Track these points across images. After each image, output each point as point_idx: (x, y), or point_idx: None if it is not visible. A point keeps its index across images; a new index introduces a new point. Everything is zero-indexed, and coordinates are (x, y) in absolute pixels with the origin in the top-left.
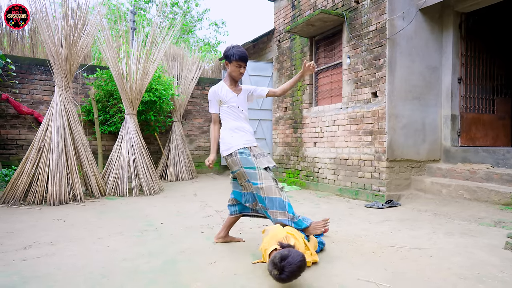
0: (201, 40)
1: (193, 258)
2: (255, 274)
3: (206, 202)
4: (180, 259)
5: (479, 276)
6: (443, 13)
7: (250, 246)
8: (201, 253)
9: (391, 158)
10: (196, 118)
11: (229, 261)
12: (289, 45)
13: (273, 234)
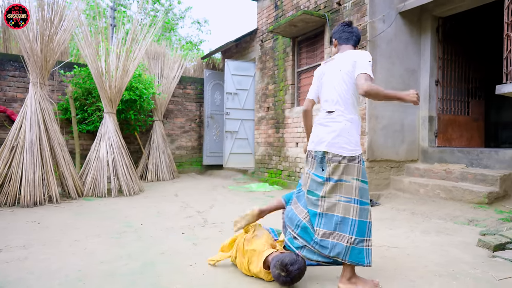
0: (183, 38)
1: (173, 259)
2: (235, 275)
3: (187, 202)
4: (160, 261)
5: (453, 273)
6: (422, 17)
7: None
8: (181, 254)
9: (371, 159)
10: (178, 117)
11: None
12: (271, 45)
13: (267, 237)
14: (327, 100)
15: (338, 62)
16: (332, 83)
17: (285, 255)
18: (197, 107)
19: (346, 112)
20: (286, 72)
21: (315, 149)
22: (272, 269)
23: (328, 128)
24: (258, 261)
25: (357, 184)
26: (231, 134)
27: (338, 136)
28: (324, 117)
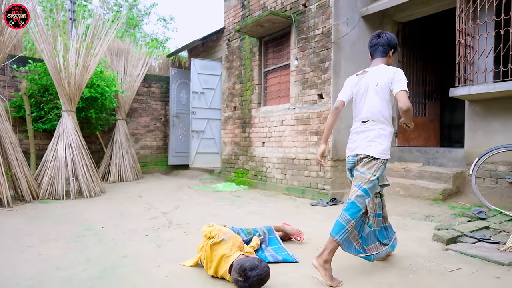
0: (148, 36)
1: (136, 262)
2: (200, 277)
3: (152, 203)
4: (122, 264)
5: (410, 267)
6: (383, 22)
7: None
8: (144, 257)
9: (335, 158)
10: (142, 116)
11: (174, 264)
12: (238, 44)
13: (234, 240)
14: (361, 111)
15: (372, 77)
16: (367, 96)
17: (247, 259)
18: (162, 106)
19: (378, 122)
20: (252, 72)
21: (351, 154)
22: (232, 272)
23: (363, 135)
24: (225, 264)
25: (373, 178)
26: (198, 134)
27: (371, 141)
28: (359, 126)
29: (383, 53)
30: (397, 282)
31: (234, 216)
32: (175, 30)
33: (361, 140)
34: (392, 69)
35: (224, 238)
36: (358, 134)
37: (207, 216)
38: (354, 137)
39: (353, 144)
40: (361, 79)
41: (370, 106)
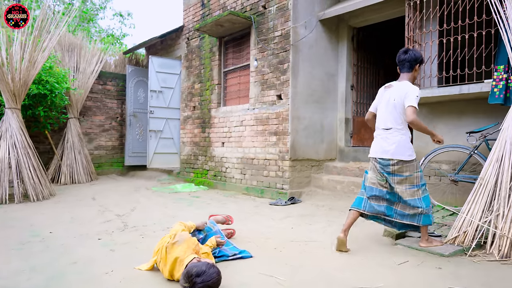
0: (103, 31)
1: (87, 268)
2: (155, 281)
3: (106, 206)
4: (71, 271)
5: (363, 261)
6: (339, 26)
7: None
8: (97, 262)
9: (294, 158)
10: (97, 115)
11: (129, 268)
12: (198, 43)
13: (188, 242)
14: (384, 119)
15: (394, 91)
16: (388, 108)
17: (195, 264)
18: (118, 105)
19: (398, 129)
20: (212, 71)
21: (380, 156)
22: (180, 278)
23: (389, 141)
24: (180, 267)
25: (417, 175)
26: (156, 134)
27: (398, 147)
28: (383, 132)
29: (409, 68)
30: (349, 276)
31: (192, 217)
32: (132, 27)
33: (388, 145)
34: (409, 87)
35: (178, 240)
36: (383, 140)
37: (164, 218)
38: (379, 141)
39: (380, 148)
40: (386, 91)
41: (390, 117)
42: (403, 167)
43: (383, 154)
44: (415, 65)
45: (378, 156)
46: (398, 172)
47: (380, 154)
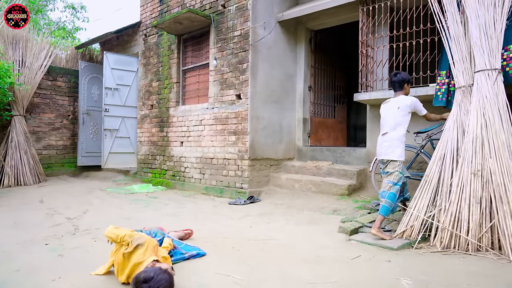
0: (54, 23)
1: (31, 276)
2: (108, 286)
3: (56, 209)
4: (13, 280)
5: (318, 258)
6: (297, 28)
7: (106, 256)
8: (42, 269)
9: (253, 157)
10: (46, 112)
11: (78, 275)
12: (156, 40)
13: (148, 244)
14: (386, 125)
15: (397, 101)
16: (388, 117)
17: (145, 270)
18: (70, 102)
19: (394, 133)
20: (171, 69)
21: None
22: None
23: (385, 143)
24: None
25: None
26: (111, 132)
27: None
28: (381, 137)
29: (400, 88)
30: (305, 273)
31: (149, 219)
32: (86, 20)
33: (384, 148)
34: (410, 98)
35: (140, 243)
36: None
37: (119, 220)
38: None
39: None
40: (386, 105)
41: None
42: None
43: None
44: (403, 84)
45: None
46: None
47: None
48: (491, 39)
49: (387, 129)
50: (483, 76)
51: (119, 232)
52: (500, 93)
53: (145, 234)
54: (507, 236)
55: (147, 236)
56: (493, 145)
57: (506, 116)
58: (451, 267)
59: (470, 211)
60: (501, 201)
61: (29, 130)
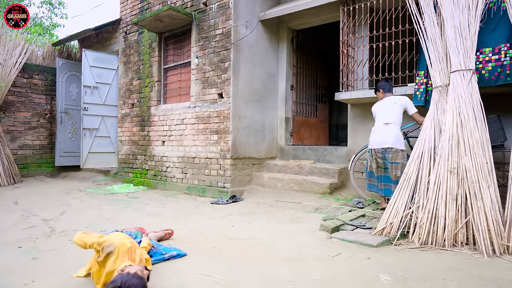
0: (30, 20)
1: (2, 280)
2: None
3: (31, 210)
4: None
5: (299, 256)
6: (279, 27)
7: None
8: (15, 273)
9: (235, 156)
10: (21, 111)
11: (52, 279)
12: (136, 38)
13: (119, 250)
14: (384, 118)
15: (392, 99)
16: (388, 110)
17: (114, 279)
18: (47, 101)
19: (397, 126)
20: (152, 68)
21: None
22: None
23: (389, 133)
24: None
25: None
26: (90, 132)
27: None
28: (383, 126)
29: (390, 90)
30: (286, 271)
31: (129, 219)
32: (64, 17)
33: (390, 137)
34: (403, 97)
35: (110, 251)
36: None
37: (98, 221)
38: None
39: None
40: (382, 102)
41: (391, 116)
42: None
43: (382, 145)
44: (392, 88)
45: (378, 147)
46: (394, 158)
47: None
48: (466, 40)
49: (390, 119)
50: (459, 76)
51: (87, 239)
52: (474, 93)
53: (115, 239)
54: (481, 231)
55: (117, 241)
56: (468, 143)
57: (480, 115)
58: (428, 263)
59: (446, 208)
60: (475, 198)
61: (3, 129)
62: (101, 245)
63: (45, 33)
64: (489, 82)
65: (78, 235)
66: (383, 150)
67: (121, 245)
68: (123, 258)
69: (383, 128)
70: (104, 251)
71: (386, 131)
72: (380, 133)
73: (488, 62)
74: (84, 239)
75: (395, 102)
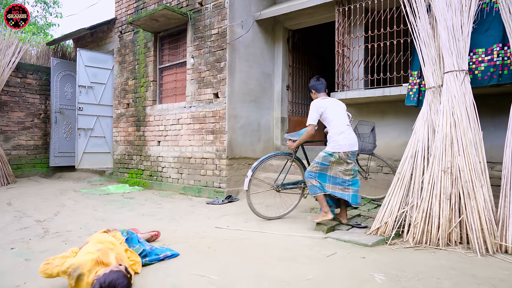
0: None
1: None
2: None
3: (24, 211)
4: None
5: (295, 256)
6: (275, 27)
7: None
8: (6, 274)
9: (231, 156)
10: (15, 111)
11: (45, 280)
12: (132, 38)
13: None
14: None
15: (339, 103)
16: (341, 112)
17: (95, 283)
18: (41, 100)
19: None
20: (147, 67)
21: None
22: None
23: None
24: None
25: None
26: (85, 132)
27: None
28: (347, 128)
29: (324, 90)
30: (280, 271)
31: (123, 220)
32: (59, 16)
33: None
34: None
35: (79, 274)
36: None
37: (93, 222)
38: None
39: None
40: (328, 100)
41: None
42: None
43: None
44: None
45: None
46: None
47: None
48: (459, 41)
49: (347, 122)
50: (452, 77)
51: (51, 270)
52: (467, 93)
53: (79, 259)
54: (474, 230)
55: (81, 261)
56: (461, 143)
57: (473, 115)
58: (422, 262)
59: (440, 207)
60: (469, 197)
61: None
62: (66, 273)
63: (40, 32)
64: (482, 82)
65: (41, 267)
66: (352, 154)
67: (86, 262)
68: (96, 269)
69: (348, 129)
70: (73, 277)
71: (351, 133)
72: (349, 135)
73: (481, 63)
74: (47, 270)
75: (344, 108)
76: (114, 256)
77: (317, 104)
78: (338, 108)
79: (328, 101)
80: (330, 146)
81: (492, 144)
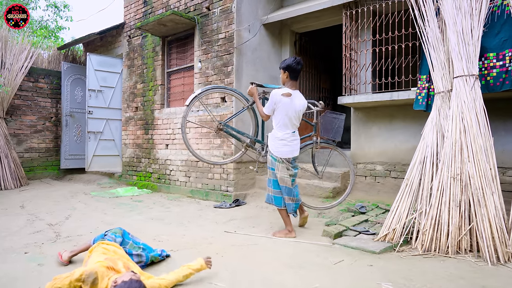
0: (36, 22)
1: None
2: None
3: (37, 214)
4: None
5: (302, 263)
6: (282, 31)
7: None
8: (20, 279)
9: (238, 160)
10: (27, 114)
11: None
12: (140, 42)
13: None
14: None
15: (299, 102)
16: (296, 116)
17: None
18: (53, 104)
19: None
20: (155, 71)
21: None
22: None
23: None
24: None
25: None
26: (95, 135)
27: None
28: (292, 135)
29: (296, 79)
30: (287, 278)
31: (132, 223)
32: (70, 20)
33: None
34: (303, 98)
35: (94, 278)
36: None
37: (102, 226)
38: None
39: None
40: (291, 98)
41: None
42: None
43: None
44: (286, 69)
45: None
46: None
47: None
48: (469, 45)
49: (295, 128)
50: (461, 82)
51: (61, 284)
52: (477, 99)
53: (91, 266)
54: (484, 239)
55: (95, 267)
56: (471, 149)
57: (483, 121)
58: (430, 270)
59: (450, 215)
60: (479, 205)
61: (10, 132)
62: (80, 280)
63: (51, 36)
64: (495, 89)
65: (48, 285)
66: (293, 159)
67: (98, 267)
68: (108, 275)
69: (292, 137)
70: (88, 282)
71: (295, 139)
72: (291, 143)
73: (493, 68)
74: (56, 285)
75: (301, 109)
76: (122, 264)
77: (276, 99)
78: (294, 109)
79: (288, 102)
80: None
81: (504, 149)
